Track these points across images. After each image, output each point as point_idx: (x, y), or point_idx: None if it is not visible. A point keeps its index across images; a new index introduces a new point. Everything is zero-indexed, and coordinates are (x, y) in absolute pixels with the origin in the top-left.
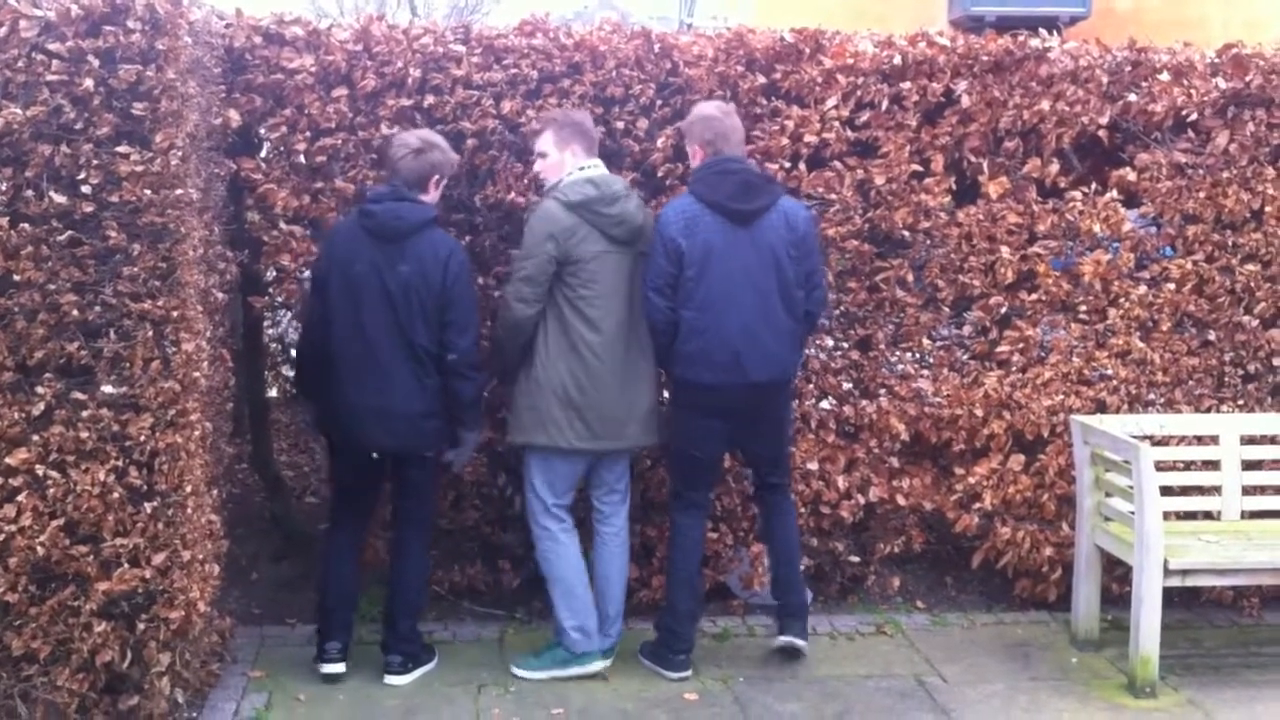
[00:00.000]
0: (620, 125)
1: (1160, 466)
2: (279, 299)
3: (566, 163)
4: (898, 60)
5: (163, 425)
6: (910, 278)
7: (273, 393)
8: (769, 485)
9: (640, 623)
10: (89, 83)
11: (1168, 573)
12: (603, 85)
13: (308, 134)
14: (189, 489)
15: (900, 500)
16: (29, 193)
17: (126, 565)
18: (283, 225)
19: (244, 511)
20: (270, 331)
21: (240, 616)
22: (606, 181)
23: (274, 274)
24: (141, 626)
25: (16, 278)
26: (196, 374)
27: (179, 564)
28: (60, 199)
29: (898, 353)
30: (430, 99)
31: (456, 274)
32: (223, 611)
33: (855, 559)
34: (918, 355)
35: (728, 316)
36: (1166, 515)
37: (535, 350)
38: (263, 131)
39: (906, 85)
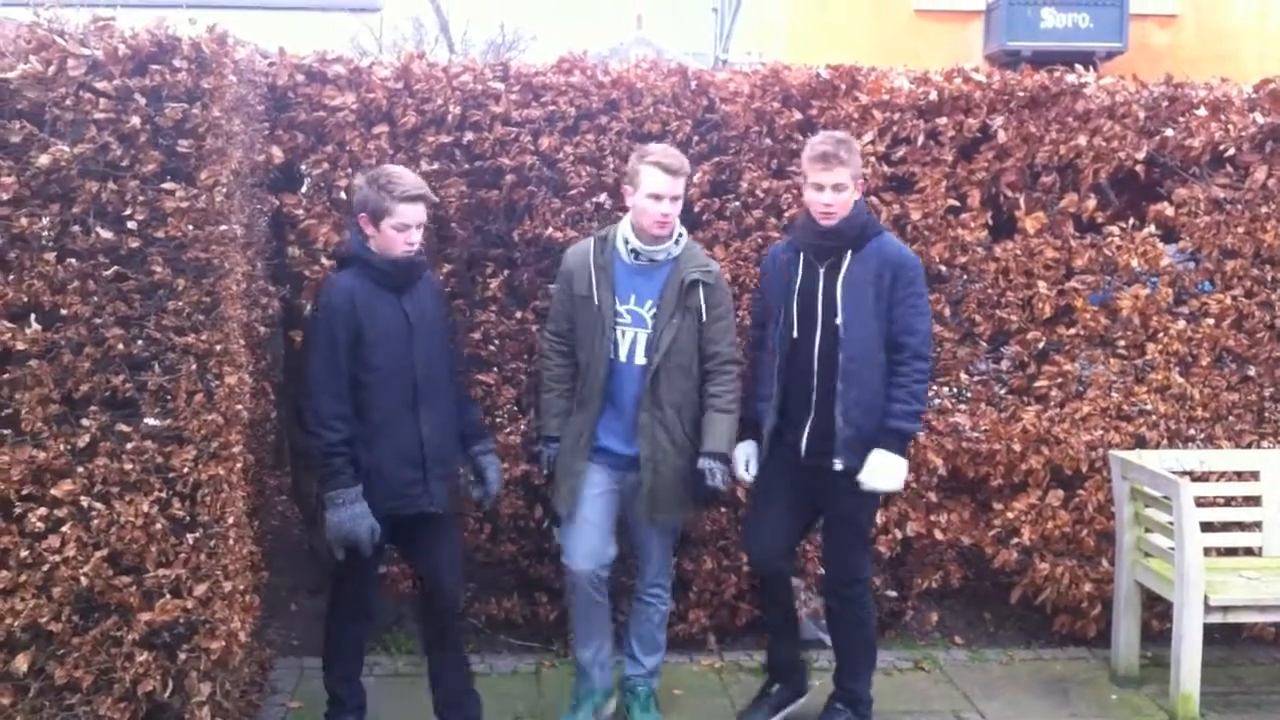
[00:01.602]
0: None
1: (1200, 502)
2: None
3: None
4: (934, 96)
5: (205, 457)
6: (947, 312)
7: None
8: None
9: (675, 656)
10: (136, 120)
11: (1208, 609)
12: (640, 122)
13: (349, 170)
14: (231, 520)
15: (938, 535)
16: (76, 228)
17: (169, 596)
18: (324, 260)
19: (283, 543)
20: None
21: (279, 647)
22: None
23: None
24: (183, 656)
25: (63, 311)
26: (239, 407)
27: (220, 595)
28: (106, 234)
29: (935, 387)
30: (469, 135)
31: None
32: (262, 642)
33: (893, 594)
34: (955, 390)
35: None
36: (1207, 551)
37: (689, 418)
38: (304, 168)
39: (943, 121)
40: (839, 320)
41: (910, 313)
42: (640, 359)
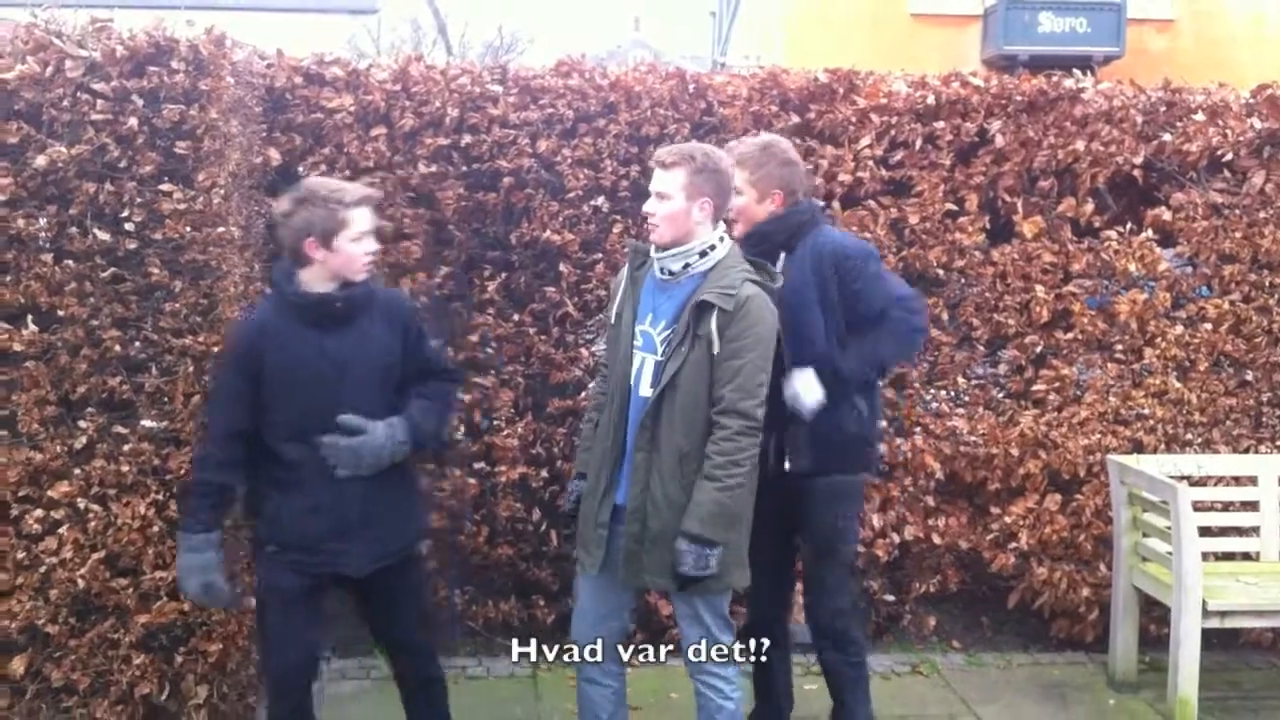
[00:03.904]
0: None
1: (1198, 507)
2: None
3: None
4: (931, 100)
5: None
6: (945, 316)
7: None
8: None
9: (673, 659)
10: (133, 122)
11: (1206, 614)
12: (638, 125)
13: (347, 172)
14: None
15: (936, 539)
16: (73, 230)
17: (166, 598)
18: None
19: None
20: None
21: None
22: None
23: None
24: (180, 659)
25: (60, 313)
26: None
27: None
28: (104, 236)
29: (932, 391)
30: (467, 138)
31: None
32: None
33: (890, 598)
34: (952, 394)
35: None
36: (1205, 556)
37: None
38: (302, 170)
39: (940, 125)
40: None
41: (875, 298)
42: (645, 389)
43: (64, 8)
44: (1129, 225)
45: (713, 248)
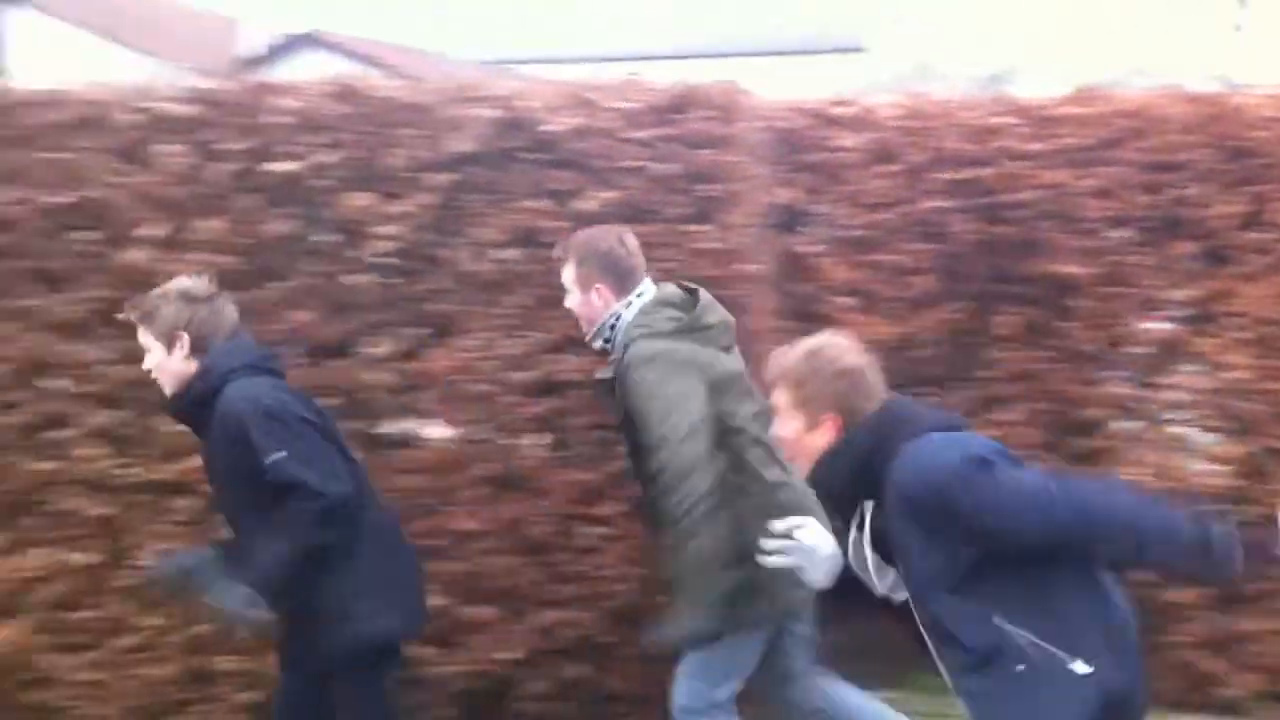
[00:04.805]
0: (1179, 193)
1: None
2: None
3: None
4: None
5: None
6: None
7: None
8: None
9: None
10: (664, 167)
11: None
12: (1158, 151)
13: (858, 209)
14: None
15: None
16: None
17: None
18: (833, 298)
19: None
20: None
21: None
22: None
23: None
24: None
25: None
26: None
27: None
28: None
29: None
30: (976, 171)
31: None
32: None
33: None
34: None
35: None
36: None
37: None
38: (815, 208)
39: None
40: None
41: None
42: None
43: (595, 61)
44: None
45: (618, 316)
